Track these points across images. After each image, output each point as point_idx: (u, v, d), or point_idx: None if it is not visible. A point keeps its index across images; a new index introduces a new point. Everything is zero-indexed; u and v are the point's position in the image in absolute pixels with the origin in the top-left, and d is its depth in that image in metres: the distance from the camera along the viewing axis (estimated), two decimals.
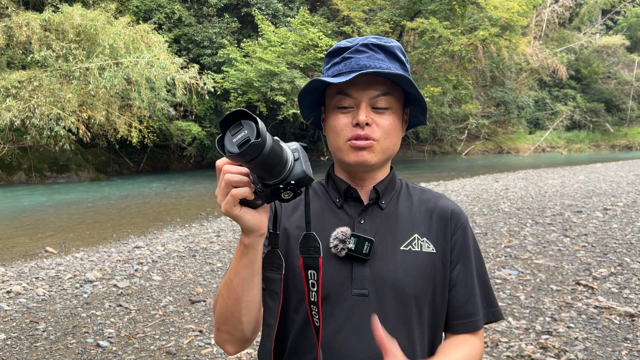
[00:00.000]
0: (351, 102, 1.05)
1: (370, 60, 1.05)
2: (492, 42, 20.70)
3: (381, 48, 1.07)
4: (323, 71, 1.14)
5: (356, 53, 1.06)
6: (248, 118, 0.80)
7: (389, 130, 1.06)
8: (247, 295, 0.95)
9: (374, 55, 1.06)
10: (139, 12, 18.35)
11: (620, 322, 3.79)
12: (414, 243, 1.09)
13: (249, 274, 0.94)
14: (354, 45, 1.07)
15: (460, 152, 29.89)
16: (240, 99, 17.78)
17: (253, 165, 0.80)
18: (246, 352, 3.48)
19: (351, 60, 1.06)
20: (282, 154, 0.84)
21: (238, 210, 0.86)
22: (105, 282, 5.15)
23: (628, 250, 5.76)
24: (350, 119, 1.05)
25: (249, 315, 0.98)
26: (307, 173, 0.86)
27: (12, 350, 3.56)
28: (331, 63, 1.10)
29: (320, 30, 19.02)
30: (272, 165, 0.82)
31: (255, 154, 0.78)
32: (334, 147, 1.10)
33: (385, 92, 1.05)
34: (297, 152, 0.87)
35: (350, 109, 1.06)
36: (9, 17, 13.93)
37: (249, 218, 0.88)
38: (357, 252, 1.04)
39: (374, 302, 1.04)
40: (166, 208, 10.79)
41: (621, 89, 34.98)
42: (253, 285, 0.95)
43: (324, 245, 1.07)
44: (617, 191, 10.72)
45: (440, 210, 1.15)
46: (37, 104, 12.80)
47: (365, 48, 1.06)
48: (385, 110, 1.06)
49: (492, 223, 7.63)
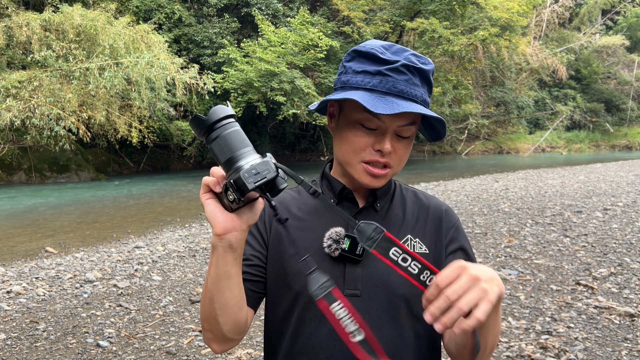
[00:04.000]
0: (377, 124, 1.01)
1: (408, 86, 1.00)
2: (492, 42, 20.68)
3: (419, 72, 1.02)
4: (347, 68, 1.06)
5: (395, 72, 0.99)
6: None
7: (404, 157, 1.07)
8: (218, 297, 0.95)
9: (412, 79, 1.01)
10: (139, 12, 18.34)
11: (620, 322, 3.79)
12: (407, 244, 1.10)
13: (216, 275, 0.93)
14: (393, 62, 1.00)
15: (460, 152, 29.89)
16: (240, 99, 17.77)
17: (209, 147, 0.87)
18: (246, 352, 3.48)
19: (388, 80, 0.99)
20: (232, 148, 0.85)
21: (205, 198, 0.88)
22: (105, 282, 5.15)
23: (628, 250, 5.76)
24: (372, 141, 1.02)
25: (224, 317, 0.97)
26: (244, 179, 0.81)
27: (12, 350, 3.56)
28: (362, 69, 1.02)
29: (320, 30, 19.01)
30: (217, 153, 0.86)
31: (196, 128, 0.87)
32: (344, 160, 1.07)
33: (413, 121, 1.03)
34: (265, 164, 0.83)
35: (374, 130, 1.02)
36: (9, 17, 13.93)
37: (210, 209, 0.88)
38: (350, 252, 1.05)
39: (366, 302, 1.05)
40: (166, 208, 10.79)
41: (621, 89, 34.98)
42: (223, 288, 0.94)
43: (317, 245, 1.07)
44: (617, 191, 10.72)
45: (433, 210, 1.17)
46: (37, 104, 12.80)
47: (405, 69, 1.00)
48: (406, 138, 1.05)
49: (492, 223, 7.63)
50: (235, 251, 0.91)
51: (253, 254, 1.11)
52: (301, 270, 1.06)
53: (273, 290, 1.11)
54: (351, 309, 0.89)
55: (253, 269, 1.10)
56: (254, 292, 1.10)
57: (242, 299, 0.99)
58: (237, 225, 0.89)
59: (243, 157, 0.85)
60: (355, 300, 1.04)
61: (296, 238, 1.09)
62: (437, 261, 1.11)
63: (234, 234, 0.89)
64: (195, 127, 0.89)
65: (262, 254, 1.12)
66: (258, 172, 0.82)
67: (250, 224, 0.91)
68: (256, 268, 1.11)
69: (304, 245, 1.08)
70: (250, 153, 0.86)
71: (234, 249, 0.91)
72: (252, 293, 1.09)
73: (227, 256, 0.91)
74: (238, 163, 0.84)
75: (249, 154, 0.85)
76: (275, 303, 1.11)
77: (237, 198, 0.83)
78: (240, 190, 0.82)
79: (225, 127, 0.87)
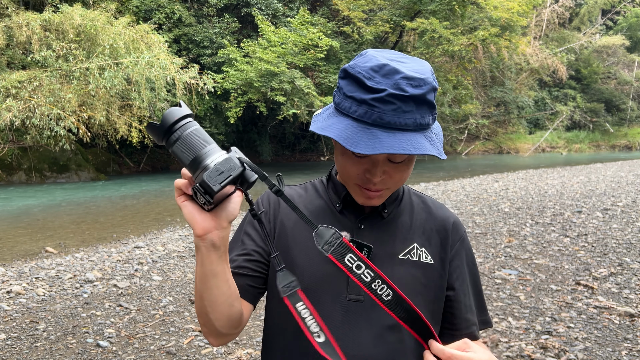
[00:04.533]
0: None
1: (397, 115, 0.90)
2: (492, 42, 20.68)
3: (412, 99, 0.91)
4: (339, 87, 0.99)
5: (382, 103, 0.90)
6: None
7: (403, 178, 1.02)
8: (206, 295, 0.95)
9: (402, 107, 0.90)
10: (139, 12, 18.33)
11: (620, 322, 3.79)
12: (412, 252, 1.09)
13: (202, 274, 0.93)
14: (379, 91, 0.90)
15: (460, 152, 29.88)
16: (240, 99, 17.77)
17: (171, 151, 0.85)
18: (246, 352, 3.48)
19: (374, 112, 0.90)
20: (194, 148, 0.83)
21: (180, 201, 0.88)
22: (105, 282, 5.15)
23: (628, 250, 5.76)
24: (363, 169, 0.98)
25: (215, 313, 0.97)
26: (208, 181, 0.79)
27: (12, 350, 3.56)
28: (351, 94, 0.94)
29: (320, 30, 19.00)
30: (180, 156, 0.84)
31: (154, 134, 0.85)
32: (341, 177, 1.07)
33: (407, 157, 0.99)
34: (228, 162, 0.81)
35: (365, 157, 0.97)
36: (9, 17, 13.92)
37: (187, 211, 0.88)
38: None
39: (368, 308, 1.04)
40: (166, 208, 10.79)
41: (621, 89, 34.96)
42: (210, 286, 0.94)
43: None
44: (617, 191, 10.72)
45: (441, 221, 1.15)
46: (37, 104, 12.79)
47: (393, 99, 0.90)
48: (401, 162, 0.99)
49: (492, 223, 7.63)
50: (219, 249, 0.91)
51: (255, 250, 1.10)
52: (305, 267, 1.06)
53: (275, 290, 1.10)
54: (313, 311, 0.95)
55: (253, 264, 1.10)
56: (253, 287, 1.09)
57: (233, 295, 0.99)
58: (216, 224, 0.89)
59: (207, 155, 0.83)
60: (357, 306, 1.04)
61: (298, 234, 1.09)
62: (441, 273, 1.11)
63: (215, 233, 0.89)
64: (153, 134, 0.86)
65: (264, 250, 1.11)
66: (222, 172, 0.80)
67: (230, 219, 0.90)
68: (257, 264, 1.10)
69: (308, 247, 1.07)
70: (214, 151, 0.83)
71: (217, 248, 0.90)
72: (250, 288, 1.09)
73: (211, 255, 0.91)
74: (202, 163, 0.82)
75: (213, 152, 0.83)
76: (277, 304, 1.10)
77: (207, 201, 0.82)
78: (208, 192, 0.81)
79: (184, 127, 0.84)
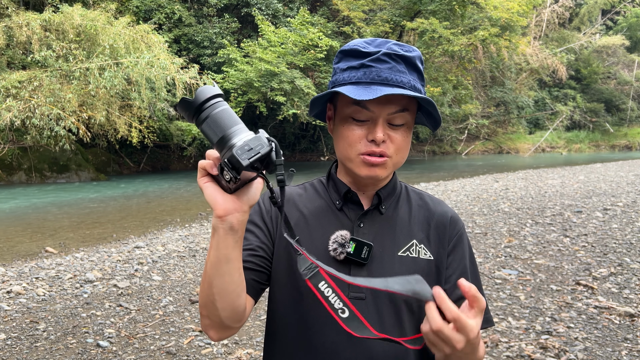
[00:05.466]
0: (368, 115, 1.02)
1: (392, 73, 1.00)
2: (492, 42, 20.69)
3: (403, 59, 1.01)
4: (335, 69, 1.08)
5: (377, 62, 1.00)
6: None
7: (402, 146, 1.05)
8: (217, 281, 0.94)
9: (396, 66, 1.00)
10: (139, 12, 18.34)
11: (620, 322, 3.79)
12: (412, 249, 1.10)
13: (216, 258, 0.92)
14: (374, 53, 1.01)
15: (460, 152, 29.88)
16: (240, 99, 17.78)
17: (200, 128, 0.86)
18: (246, 352, 3.48)
19: (372, 70, 1.00)
20: (223, 127, 0.83)
21: (203, 182, 0.88)
22: (105, 282, 5.16)
23: (628, 250, 5.76)
24: (365, 133, 1.03)
25: (222, 302, 0.96)
26: (238, 156, 0.79)
27: (12, 350, 3.56)
28: (348, 66, 1.04)
29: (320, 30, 19.02)
30: (209, 133, 0.85)
31: (184, 111, 0.86)
32: (343, 156, 1.08)
33: (404, 108, 1.02)
34: (257, 140, 0.81)
35: (366, 121, 1.02)
36: (9, 17, 13.92)
37: (209, 192, 0.88)
38: (355, 256, 1.05)
39: (370, 305, 1.05)
40: (166, 208, 10.79)
41: (621, 89, 34.98)
42: (223, 272, 0.93)
43: (323, 247, 1.07)
44: (617, 191, 10.72)
45: (438, 216, 1.16)
46: (37, 104, 12.79)
47: (387, 58, 1.00)
48: (401, 127, 1.04)
49: (492, 223, 7.63)
50: (236, 233, 0.91)
51: (259, 246, 1.11)
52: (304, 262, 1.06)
53: (277, 285, 1.11)
54: (335, 287, 0.97)
55: (258, 259, 1.10)
56: (257, 282, 1.09)
57: (241, 285, 0.98)
58: (238, 207, 0.89)
59: (235, 134, 0.83)
60: (360, 303, 1.04)
61: (298, 234, 1.09)
62: (440, 269, 1.11)
63: (235, 216, 0.89)
64: (183, 110, 0.87)
65: (268, 247, 1.11)
66: (251, 148, 0.80)
67: (251, 204, 0.91)
68: (261, 259, 1.10)
69: (308, 245, 1.07)
70: (242, 130, 0.84)
71: (235, 231, 0.90)
72: (254, 283, 1.09)
73: (228, 239, 0.90)
74: (231, 141, 0.82)
75: (241, 131, 0.84)
76: (279, 298, 1.11)
77: (233, 177, 0.81)
78: (236, 168, 0.81)
79: (214, 106, 0.85)
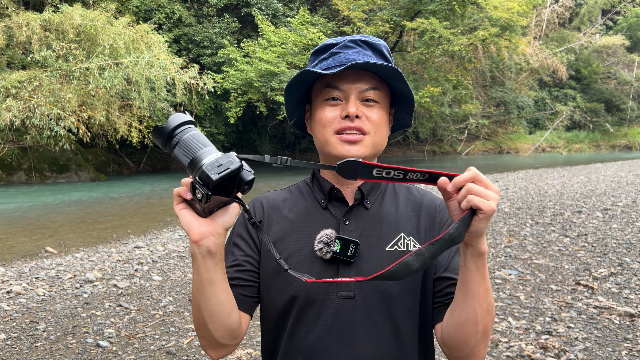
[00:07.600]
0: (340, 94, 1.05)
1: (359, 55, 1.05)
2: (492, 42, 20.66)
3: (368, 45, 1.08)
4: (310, 64, 1.13)
5: (344, 48, 1.07)
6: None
7: (378, 124, 1.06)
8: (204, 304, 0.95)
9: (362, 50, 1.07)
10: (139, 12, 18.33)
11: (620, 322, 3.79)
12: (399, 243, 1.08)
13: (199, 282, 0.93)
14: (341, 42, 1.08)
15: (460, 152, 29.87)
16: (240, 99, 17.78)
17: (173, 154, 0.88)
18: (246, 352, 3.48)
19: (340, 55, 1.06)
20: (193, 149, 0.85)
21: (179, 209, 0.89)
22: (105, 282, 5.15)
23: (628, 250, 5.76)
24: (339, 112, 1.05)
25: (213, 323, 0.97)
26: (207, 172, 0.80)
27: (12, 350, 3.56)
28: (318, 59, 1.10)
29: (320, 30, 19.00)
30: (180, 157, 0.86)
31: (157, 138, 0.88)
32: (320, 141, 1.08)
33: (375, 86, 1.06)
34: (227, 157, 0.83)
35: (339, 101, 1.06)
36: (9, 17, 13.91)
37: (184, 219, 0.89)
38: (342, 254, 1.04)
39: (360, 304, 1.04)
40: (166, 208, 10.79)
41: (621, 89, 34.96)
42: (208, 295, 0.94)
43: (309, 248, 1.06)
44: (617, 191, 10.72)
45: (427, 205, 1.14)
46: (37, 104, 12.79)
47: (353, 44, 1.07)
48: (375, 104, 1.06)
49: (492, 223, 7.63)
50: (215, 256, 0.91)
51: (245, 260, 1.10)
52: (297, 269, 1.05)
53: (267, 293, 1.10)
54: None
55: (245, 274, 1.09)
56: (248, 297, 1.09)
57: (230, 304, 0.98)
58: (212, 230, 0.89)
59: (205, 154, 0.84)
60: (349, 302, 1.04)
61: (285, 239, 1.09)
62: None
63: (211, 239, 0.89)
64: (157, 137, 0.89)
65: (254, 259, 1.11)
66: (221, 164, 0.81)
67: (226, 227, 0.91)
68: (249, 273, 1.10)
69: (295, 248, 1.07)
70: (212, 151, 0.85)
71: (212, 254, 0.90)
72: (245, 298, 1.08)
73: (207, 262, 0.91)
74: (200, 162, 0.83)
75: (211, 152, 0.84)
76: (270, 306, 1.10)
77: (204, 194, 0.81)
78: (206, 184, 0.81)
79: (185, 131, 0.87)
